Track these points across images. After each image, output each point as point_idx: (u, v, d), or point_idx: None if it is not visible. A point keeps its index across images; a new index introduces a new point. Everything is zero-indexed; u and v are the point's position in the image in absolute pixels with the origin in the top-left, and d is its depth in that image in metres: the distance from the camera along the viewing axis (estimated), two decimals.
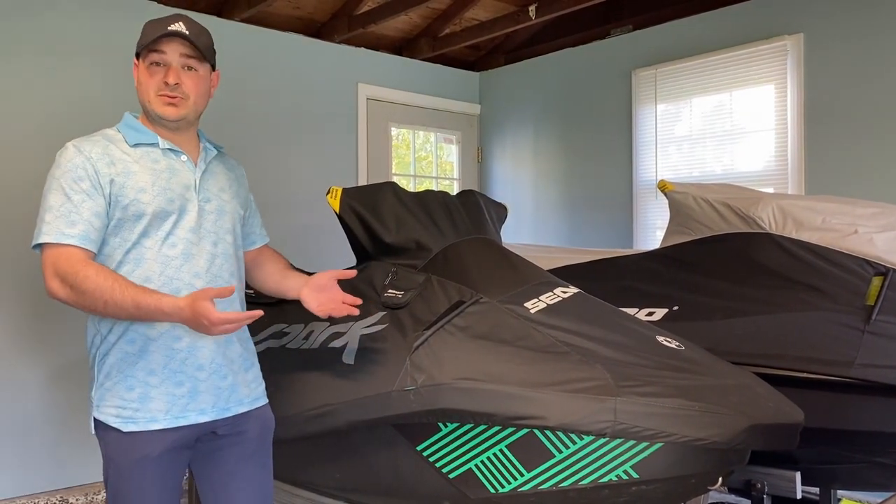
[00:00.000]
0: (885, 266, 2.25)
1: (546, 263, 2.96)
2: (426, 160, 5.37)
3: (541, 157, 4.94)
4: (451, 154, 5.38)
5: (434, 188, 5.30)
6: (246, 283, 1.96)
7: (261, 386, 1.86)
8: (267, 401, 1.88)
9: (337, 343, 2.13)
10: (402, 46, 4.96)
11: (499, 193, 5.23)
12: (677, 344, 1.91)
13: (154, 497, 1.63)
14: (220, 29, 3.98)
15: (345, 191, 2.29)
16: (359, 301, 1.87)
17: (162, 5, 3.83)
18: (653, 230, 4.28)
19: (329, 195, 2.29)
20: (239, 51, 4.10)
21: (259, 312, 1.51)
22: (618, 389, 1.66)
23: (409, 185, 5.17)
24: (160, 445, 1.63)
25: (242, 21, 4.11)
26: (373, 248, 2.28)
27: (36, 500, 3.35)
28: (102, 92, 3.63)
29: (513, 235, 4.97)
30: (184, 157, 1.74)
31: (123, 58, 3.68)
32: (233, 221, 1.80)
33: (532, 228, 4.97)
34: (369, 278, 2.25)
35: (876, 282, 2.23)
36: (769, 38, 3.74)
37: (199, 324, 1.49)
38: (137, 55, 1.72)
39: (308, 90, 4.45)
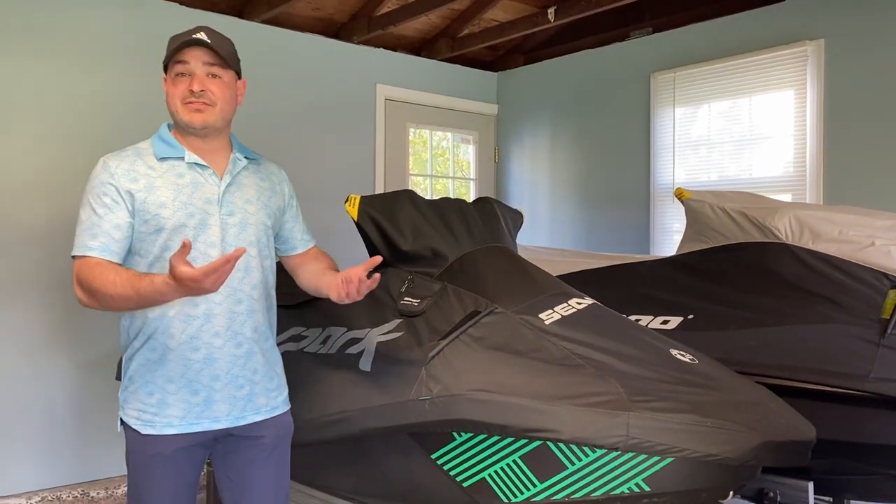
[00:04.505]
0: None
1: (562, 268, 2.98)
2: (443, 157, 5.38)
3: (558, 158, 4.94)
4: (468, 154, 5.40)
5: (451, 188, 5.32)
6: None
7: (281, 395, 1.89)
8: (287, 408, 1.90)
9: (354, 349, 2.16)
10: (421, 47, 4.98)
11: (515, 194, 5.24)
12: (691, 357, 1.93)
13: (169, 488, 1.73)
14: (240, 30, 4.01)
15: (363, 198, 2.31)
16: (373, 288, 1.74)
17: (183, 6, 3.87)
18: (670, 233, 4.28)
19: (347, 203, 2.32)
20: (259, 51, 4.13)
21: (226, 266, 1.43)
22: (631, 404, 1.68)
23: (426, 185, 5.19)
24: (174, 446, 1.72)
25: (263, 22, 4.14)
26: (389, 255, 2.31)
27: (58, 493, 3.42)
28: (118, 92, 3.67)
29: (529, 237, 4.98)
30: (209, 171, 1.77)
31: (143, 58, 3.72)
32: (257, 234, 1.82)
33: (549, 229, 4.97)
34: (386, 285, 2.27)
35: (892, 295, 2.22)
36: (790, 43, 3.72)
37: (190, 289, 1.46)
38: (165, 69, 1.77)
39: (327, 90, 4.48)
